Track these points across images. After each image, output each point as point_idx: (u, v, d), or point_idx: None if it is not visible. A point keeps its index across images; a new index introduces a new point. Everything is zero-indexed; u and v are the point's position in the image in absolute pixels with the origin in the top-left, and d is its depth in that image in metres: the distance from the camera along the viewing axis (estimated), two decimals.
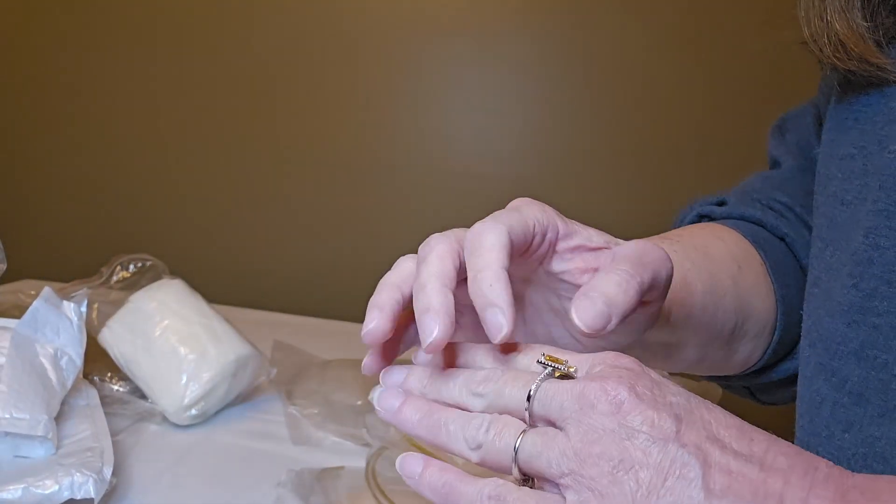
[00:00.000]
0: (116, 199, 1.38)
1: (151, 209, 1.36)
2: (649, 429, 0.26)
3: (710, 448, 0.26)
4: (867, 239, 0.33)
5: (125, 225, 1.38)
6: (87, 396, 0.66)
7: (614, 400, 0.27)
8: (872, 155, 0.34)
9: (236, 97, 1.29)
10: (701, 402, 0.28)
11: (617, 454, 0.26)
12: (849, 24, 0.34)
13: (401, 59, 1.23)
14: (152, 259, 0.85)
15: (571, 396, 0.28)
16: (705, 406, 0.28)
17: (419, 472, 0.31)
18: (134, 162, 1.36)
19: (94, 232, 1.39)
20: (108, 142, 1.36)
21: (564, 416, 0.28)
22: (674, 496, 0.25)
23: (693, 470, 0.26)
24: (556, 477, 0.27)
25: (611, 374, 0.28)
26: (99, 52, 1.33)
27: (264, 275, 1.32)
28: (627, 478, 0.26)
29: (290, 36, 1.25)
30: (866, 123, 0.35)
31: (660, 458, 0.26)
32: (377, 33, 1.22)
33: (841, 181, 0.36)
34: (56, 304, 0.63)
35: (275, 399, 0.77)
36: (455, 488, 0.30)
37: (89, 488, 0.51)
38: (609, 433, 0.27)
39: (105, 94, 1.35)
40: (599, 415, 0.27)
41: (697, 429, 0.27)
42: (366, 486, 0.58)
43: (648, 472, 0.26)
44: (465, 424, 0.30)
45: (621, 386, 0.27)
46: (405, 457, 0.32)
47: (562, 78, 1.20)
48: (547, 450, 0.28)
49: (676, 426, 0.27)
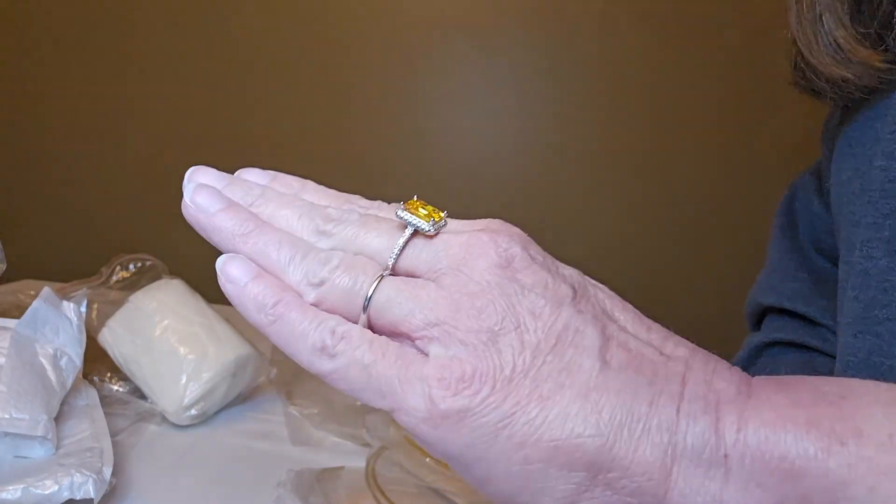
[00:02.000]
0: (116, 198, 1.38)
1: (151, 209, 1.36)
2: (542, 288, 0.23)
3: (607, 322, 0.24)
4: (861, 251, 0.34)
5: (125, 225, 1.38)
6: (87, 396, 0.66)
7: (505, 254, 0.24)
8: (865, 174, 0.35)
9: (236, 96, 1.29)
10: (597, 284, 0.26)
11: (501, 310, 0.23)
12: (847, 30, 0.34)
13: (401, 59, 1.23)
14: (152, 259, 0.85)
15: (452, 246, 0.24)
16: (601, 289, 0.26)
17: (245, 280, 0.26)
18: (134, 161, 1.36)
19: (94, 232, 1.39)
20: (108, 141, 1.36)
21: (438, 268, 0.24)
22: (563, 362, 0.22)
23: (588, 338, 0.23)
24: (419, 329, 0.23)
25: (500, 230, 0.25)
26: (98, 51, 1.33)
27: None
28: (510, 338, 0.23)
29: (290, 35, 1.25)
30: (858, 147, 0.36)
31: (552, 321, 0.23)
32: (377, 33, 1.22)
33: (846, 204, 0.37)
34: (55, 304, 0.63)
35: (275, 399, 0.77)
36: (293, 309, 0.25)
37: (89, 488, 0.51)
38: (495, 287, 0.23)
39: (104, 94, 1.34)
40: (485, 268, 0.23)
41: (592, 303, 0.24)
42: (366, 487, 0.58)
43: (536, 334, 0.23)
44: (306, 253, 0.25)
45: (514, 242, 0.24)
46: (232, 257, 0.27)
47: (562, 77, 1.20)
48: (411, 298, 0.24)
49: (573, 293, 0.24)
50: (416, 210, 0.25)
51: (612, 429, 0.22)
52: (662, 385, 0.23)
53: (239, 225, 0.26)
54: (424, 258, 0.24)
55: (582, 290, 0.24)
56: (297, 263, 0.25)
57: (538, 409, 0.22)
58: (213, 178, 0.28)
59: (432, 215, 0.25)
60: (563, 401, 0.22)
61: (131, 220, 1.37)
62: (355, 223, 0.26)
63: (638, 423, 0.22)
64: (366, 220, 0.26)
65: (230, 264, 0.26)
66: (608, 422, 0.22)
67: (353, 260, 0.25)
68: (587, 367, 0.22)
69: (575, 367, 0.22)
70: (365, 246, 0.25)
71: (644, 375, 0.23)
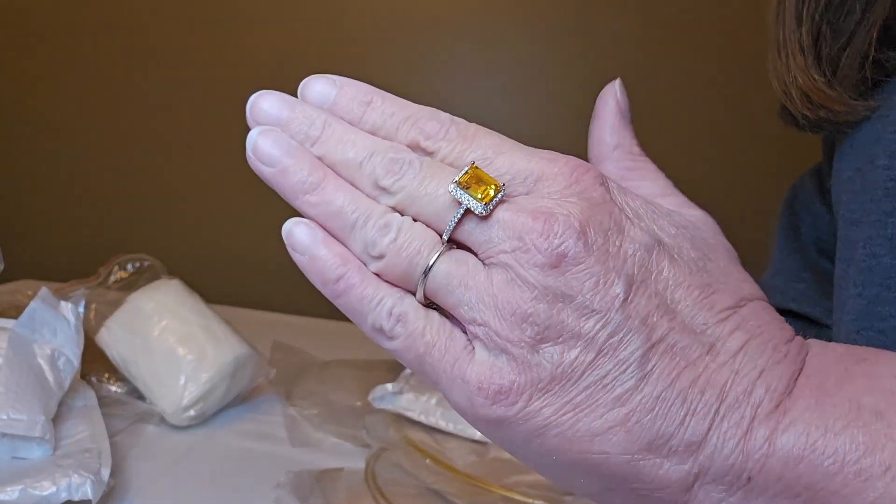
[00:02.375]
0: (114, 199, 1.37)
1: (150, 209, 1.36)
2: (591, 292, 0.22)
3: (658, 321, 0.22)
4: (865, 249, 0.34)
5: (123, 225, 1.37)
6: (85, 397, 0.65)
7: (556, 250, 0.22)
8: (867, 173, 0.35)
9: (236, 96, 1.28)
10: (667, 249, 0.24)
11: (544, 319, 0.22)
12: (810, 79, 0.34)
13: (401, 58, 1.23)
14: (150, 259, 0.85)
15: (505, 229, 0.23)
16: (669, 256, 0.24)
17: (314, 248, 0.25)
18: (132, 162, 1.36)
19: (92, 232, 1.38)
20: (106, 141, 1.36)
21: (491, 253, 0.23)
22: (600, 375, 0.22)
23: (630, 348, 0.22)
24: (466, 321, 0.23)
25: (560, 208, 0.23)
26: (98, 51, 1.33)
27: (263, 275, 1.32)
28: (551, 351, 0.22)
29: (290, 35, 1.25)
30: (859, 147, 0.36)
31: (595, 331, 0.22)
32: (377, 32, 1.22)
33: (846, 203, 0.37)
34: (53, 304, 0.63)
35: (274, 400, 0.76)
36: (354, 286, 0.25)
37: (87, 490, 0.51)
38: (540, 289, 0.22)
39: (103, 94, 1.34)
40: (533, 265, 0.22)
41: (650, 294, 0.23)
42: (365, 488, 0.57)
43: (577, 348, 0.22)
44: (367, 218, 0.25)
45: (570, 230, 0.22)
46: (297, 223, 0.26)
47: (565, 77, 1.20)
48: (462, 287, 0.23)
49: (625, 291, 0.22)
50: (471, 184, 0.23)
51: (638, 448, 0.22)
52: (698, 402, 0.22)
53: (301, 183, 0.25)
54: (476, 238, 0.23)
55: (642, 274, 0.23)
56: (358, 231, 0.25)
57: (569, 423, 0.22)
58: (277, 105, 0.27)
59: (488, 191, 0.23)
60: (594, 416, 0.22)
61: (130, 220, 1.37)
62: (414, 178, 0.24)
63: (666, 443, 0.22)
64: (423, 179, 0.24)
65: (294, 232, 0.26)
66: (635, 442, 0.22)
67: (411, 233, 0.24)
68: (623, 383, 0.22)
69: (611, 382, 0.22)
70: (422, 209, 0.24)
71: (680, 389, 0.22)
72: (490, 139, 0.25)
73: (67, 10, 1.32)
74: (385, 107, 0.27)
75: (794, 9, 0.34)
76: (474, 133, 0.26)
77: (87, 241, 1.37)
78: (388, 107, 0.27)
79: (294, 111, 0.26)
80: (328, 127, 0.26)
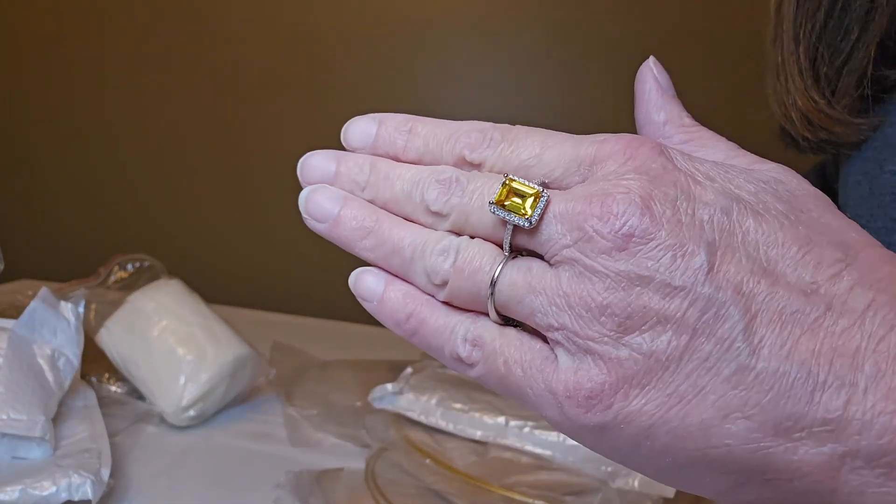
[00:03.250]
0: (114, 199, 1.37)
1: (149, 209, 1.36)
2: (669, 268, 0.20)
3: (755, 286, 0.20)
4: None
5: (123, 225, 1.37)
6: (85, 397, 0.65)
7: (620, 231, 0.20)
8: (875, 178, 0.35)
9: (236, 96, 1.29)
10: (748, 207, 0.21)
11: (623, 307, 0.20)
12: (809, 102, 0.34)
13: (402, 57, 1.23)
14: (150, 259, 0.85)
15: (563, 223, 0.21)
16: (753, 213, 0.21)
17: (380, 293, 0.25)
18: (132, 162, 1.36)
19: (92, 232, 1.38)
20: (106, 142, 1.36)
21: (554, 251, 0.21)
22: (701, 358, 0.19)
23: (729, 322, 0.19)
24: (544, 329, 0.22)
25: (618, 186, 0.21)
26: (98, 52, 1.33)
27: (263, 275, 1.32)
28: (637, 341, 0.20)
29: (289, 34, 1.25)
30: (867, 151, 0.36)
31: (683, 309, 0.20)
32: (378, 32, 1.22)
33: (854, 207, 0.37)
34: (53, 304, 0.63)
35: (274, 400, 0.76)
36: (424, 321, 0.24)
37: (87, 490, 0.51)
38: (612, 277, 0.20)
39: (102, 94, 1.34)
40: (599, 252, 0.20)
41: (738, 258, 0.20)
42: (365, 488, 0.57)
43: (668, 332, 0.20)
44: (423, 250, 0.24)
45: (631, 207, 0.20)
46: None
47: (563, 75, 1.20)
48: (531, 294, 0.22)
49: (708, 260, 0.20)
50: (509, 198, 0.22)
51: (763, 435, 0.19)
52: (826, 373, 0.19)
53: (355, 230, 0.25)
54: (538, 240, 0.22)
55: (725, 238, 0.20)
56: (418, 263, 0.24)
57: (678, 417, 0.20)
58: (324, 160, 0.27)
59: (524, 205, 0.22)
60: (704, 405, 0.20)
61: (130, 220, 1.37)
62: (462, 195, 0.24)
63: (795, 424, 0.19)
64: (472, 193, 0.23)
65: (359, 281, 0.25)
66: (758, 427, 0.19)
67: (469, 251, 0.23)
68: (730, 362, 0.19)
69: (715, 364, 0.19)
70: (477, 224, 0.23)
71: (801, 361, 0.19)
72: (535, 136, 0.24)
73: (68, 11, 1.32)
74: (426, 130, 0.26)
75: (792, 30, 0.34)
76: (517, 134, 0.24)
77: (87, 241, 1.37)
78: (428, 129, 0.26)
79: (340, 163, 0.27)
80: (374, 169, 0.26)
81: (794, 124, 0.35)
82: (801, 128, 0.35)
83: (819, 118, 0.34)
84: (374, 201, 0.26)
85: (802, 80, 0.34)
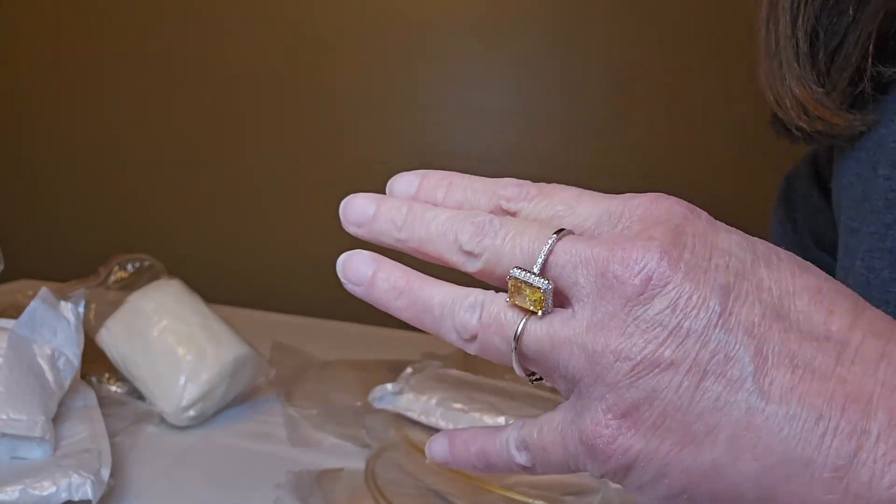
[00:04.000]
0: (114, 199, 1.37)
1: (149, 209, 1.36)
2: (683, 311, 0.20)
3: (767, 331, 0.20)
4: (863, 262, 0.33)
5: (123, 225, 1.37)
6: (85, 397, 0.65)
7: (640, 275, 0.21)
8: (868, 181, 0.34)
9: (236, 96, 1.29)
10: (763, 256, 0.22)
11: (637, 351, 0.20)
12: (806, 89, 0.33)
13: (402, 57, 1.23)
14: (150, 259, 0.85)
15: (587, 268, 0.22)
16: (766, 262, 0.21)
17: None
18: (132, 162, 1.36)
19: (92, 232, 1.38)
20: (106, 142, 1.36)
21: (578, 295, 0.22)
22: (712, 399, 0.20)
23: (739, 365, 0.20)
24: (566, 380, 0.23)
25: (639, 235, 0.21)
26: (98, 52, 1.33)
27: (263, 275, 1.32)
28: (650, 382, 0.20)
29: (290, 35, 1.25)
30: (860, 151, 0.35)
31: (696, 351, 0.20)
32: (378, 32, 1.22)
33: (847, 209, 0.36)
34: (53, 304, 0.63)
35: (274, 400, 0.76)
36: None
37: (87, 490, 0.51)
38: (629, 322, 0.21)
39: (103, 94, 1.34)
40: (619, 297, 0.21)
41: (752, 302, 0.20)
42: (365, 488, 0.57)
43: (679, 373, 0.20)
44: (453, 306, 0.25)
45: (650, 253, 0.21)
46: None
47: (564, 77, 1.20)
48: (554, 348, 0.22)
49: (721, 304, 0.20)
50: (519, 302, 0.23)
51: (773, 478, 0.19)
52: (837, 419, 0.19)
53: (388, 291, 0.26)
54: (565, 278, 0.23)
55: (739, 281, 0.21)
56: (448, 321, 0.25)
57: (691, 456, 0.20)
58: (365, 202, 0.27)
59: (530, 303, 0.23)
60: (716, 447, 0.20)
61: (130, 220, 1.37)
62: (496, 236, 0.24)
63: (805, 469, 0.19)
64: (506, 234, 0.24)
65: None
66: (768, 470, 0.19)
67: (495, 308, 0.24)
68: (740, 404, 0.20)
69: (725, 406, 0.20)
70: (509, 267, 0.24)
71: (812, 405, 0.19)
72: (570, 192, 0.25)
73: (68, 11, 1.32)
74: (465, 183, 0.27)
75: (790, 13, 0.33)
76: (552, 189, 0.25)
77: (87, 241, 1.37)
78: (467, 182, 0.27)
79: (380, 204, 0.27)
80: (411, 209, 0.27)
81: (788, 113, 0.34)
82: (796, 117, 0.34)
83: (816, 108, 0.33)
84: (408, 240, 0.26)
85: (799, 66, 0.33)
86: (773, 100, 0.35)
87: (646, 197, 0.23)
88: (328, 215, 1.43)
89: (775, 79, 0.35)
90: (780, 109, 0.35)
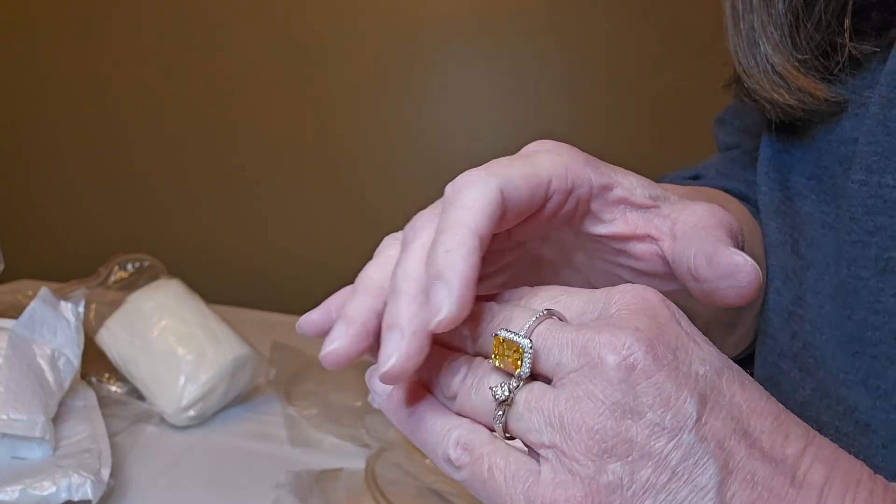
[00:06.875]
0: (114, 199, 1.37)
1: (149, 209, 1.36)
2: (662, 408, 0.20)
3: (735, 446, 0.21)
4: (850, 270, 0.33)
5: (123, 225, 1.37)
6: (85, 397, 0.65)
7: (624, 362, 0.21)
8: (837, 177, 0.33)
9: (236, 96, 1.29)
10: (736, 374, 0.22)
11: (611, 435, 0.20)
12: (786, 57, 0.32)
13: (400, 57, 1.23)
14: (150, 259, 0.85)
15: (572, 349, 0.22)
16: (739, 381, 0.22)
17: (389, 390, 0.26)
18: (132, 162, 1.36)
19: (92, 232, 1.38)
20: (106, 141, 1.36)
21: (561, 375, 0.22)
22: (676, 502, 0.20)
23: (707, 473, 0.20)
24: (536, 446, 0.22)
25: (629, 323, 0.22)
26: (98, 52, 1.33)
27: (263, 275, 1.32)
28: (618, 469, 0.20)
29: (288, 34, 1.25)
30: (822, 142, 0.34)
31: (667, 451, 0.20)
32: (377, 32, 1.22)
33: (816, 202, 0.35)
34: (53, 304, 0.63)
35: (273, 400, 0.76)
36: (424, 421, 0.25)
37: (87, 490, 0.51)
38: (608, 405, 0.21)
39: (103, 94, 1.34)
40: (601, 379, 0.21)
41: (725, 416, 0.21)
42: (365, 488, 0.57)
43: (648, 468, 0.20)
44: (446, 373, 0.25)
45: (637, 343, 0.21)
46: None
47: (564, 77, 1.20)
48: (530, 412, 0.22)
49: (698, 411, 0.21)
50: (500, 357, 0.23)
51: None
52: None
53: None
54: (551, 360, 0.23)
55: (714, 395, 0.21)
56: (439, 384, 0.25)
57: None
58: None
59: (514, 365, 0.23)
60: None
61: (130, 220, 1.37)
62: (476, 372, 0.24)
63: None
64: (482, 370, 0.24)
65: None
66: None
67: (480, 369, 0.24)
68: None
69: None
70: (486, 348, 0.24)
71: None
72: (556, 289, 0.25)
73: (68, 11, 1.32)
74: None
75: None
76: (540, 287, 0.26)
77: (87, 241, 1.37)
78: None
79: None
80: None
81: (760, 83, 0.32)
82: (771, 88, 0.32)
83: (797, 78, 0.32)
84: None
85: (779, 31, 0.32)
86: (743, 66, 0.34)
87: (633, 289, 0.23)
88: (328, 216, 1.45)
89: (747, 44, 0.33)
90: (749, 78, 0.33)
